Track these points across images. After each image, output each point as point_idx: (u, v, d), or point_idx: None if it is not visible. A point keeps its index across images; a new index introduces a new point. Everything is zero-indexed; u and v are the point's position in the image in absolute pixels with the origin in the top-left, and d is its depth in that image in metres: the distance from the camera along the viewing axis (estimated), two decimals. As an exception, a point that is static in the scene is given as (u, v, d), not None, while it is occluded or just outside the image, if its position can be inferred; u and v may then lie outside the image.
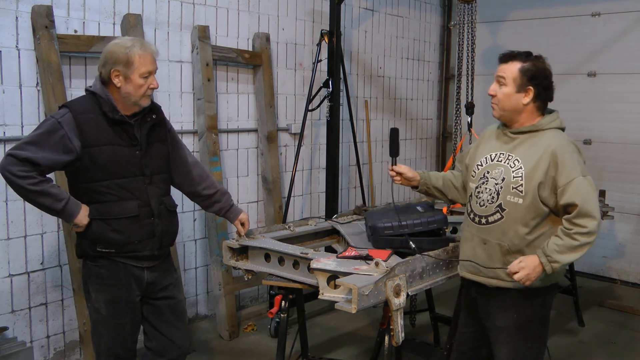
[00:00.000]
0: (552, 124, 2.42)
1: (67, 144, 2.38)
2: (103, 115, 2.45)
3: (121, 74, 2.43)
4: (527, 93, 2.36)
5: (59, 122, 2.38)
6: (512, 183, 2.35)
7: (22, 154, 2.32)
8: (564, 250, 2.25)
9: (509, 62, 2.39)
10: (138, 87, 2.45)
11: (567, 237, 2.25)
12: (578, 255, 2.26)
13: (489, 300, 2.49)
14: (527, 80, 2.35)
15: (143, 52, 2.45)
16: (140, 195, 2.52)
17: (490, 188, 2.42)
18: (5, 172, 2.33)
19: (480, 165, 2.50)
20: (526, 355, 2.46)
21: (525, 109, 2.39)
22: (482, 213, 2.44)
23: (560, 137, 2.39)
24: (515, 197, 2.34)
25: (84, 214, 2.44)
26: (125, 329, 2.59)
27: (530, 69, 2.35)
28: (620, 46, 5.32)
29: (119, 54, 2.43)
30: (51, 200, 2.37)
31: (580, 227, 2.23)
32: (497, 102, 2.42)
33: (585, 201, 2.24)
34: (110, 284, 2.53)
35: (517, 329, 2.43)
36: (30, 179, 2.32)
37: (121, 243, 2.49)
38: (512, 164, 2.38)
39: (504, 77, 2.38)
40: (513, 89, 2.37)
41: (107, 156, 2.44)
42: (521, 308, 2.42)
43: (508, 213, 2.36)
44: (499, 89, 2.41)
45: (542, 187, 2.30)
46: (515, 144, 2.42)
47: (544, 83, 2.38)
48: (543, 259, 2.27)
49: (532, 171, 2.32)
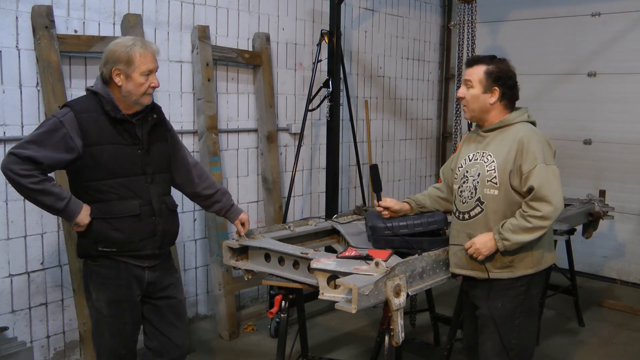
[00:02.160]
0: (519, 118, 2.57)
1: (69, 142, 2.38)
2: (104, 115, 2.46)
3: (122, 72, 2.44)
4: (493, 93, 2.54)
5: (61, 121, 2.39)
6: (487, 176, 2.51)
7: (24, 152, 2.32)
8: (517, 230, 2.40)
9: (474, 66, 2.56)
10: (139, 86, 2.45)
11: (522, 219, 2.41)
12: (530, 237, 2.41)
13: (477, 291, 2.62)
14: (492, 81, 2.52)
15: (144, 51, 2.46)
16: (141, 194, 2.53)
17: (469, 185, 2.58)
18: (7, 171, 2.33)
19: (461, 166, 2.67)
20: (513, 344, 2.55)
21: (492, 108, 2.56)
22: (464, 209, 2.60)
23: (527, 128, 2.54)
24: (491, 189, 2.50)
25: (85, 213, 2.44)
26: (126, 329, 2.59)
27: (495, 71, 2.52)
28: (620, 46, 5.32)
29: (120, 52, 2.43)
30: (52, 199, 2.37)
31: (535, 210, 2.38)
32: (467, 103, 2.60)
33: (542, 186, 2.38)
34: (111, 284, 2.53)
35: (502, 317, 2.54)
36: (31, 177, 2.32)
37: (122, 242, 2.49)
38: (485, 159, 2.54)
39: (471, 80, 2.56)
40: (480, 90, 2.54)
41: (108, 155, 2.45)
42: (506, 297, 2.54)
43: (487, 205, 2.51)
44: (467, 92, 2.58)
45: (512, 175, 2.46)
46: (488, 141, 2.59)
47: (509, 83, 2.54)
48: (496, 236, 2.45)
49: (504, 163, 2.47)
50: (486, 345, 2.59)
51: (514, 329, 2.54)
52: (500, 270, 2.52)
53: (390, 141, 5.92)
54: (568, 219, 3.95)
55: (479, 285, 2.59)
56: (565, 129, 5.64)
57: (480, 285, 2.59)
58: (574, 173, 5.57)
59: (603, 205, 4.41)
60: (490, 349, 2.57)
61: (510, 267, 2.51)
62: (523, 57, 5.88)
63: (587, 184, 5.46)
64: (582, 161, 5.61)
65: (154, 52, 2.52)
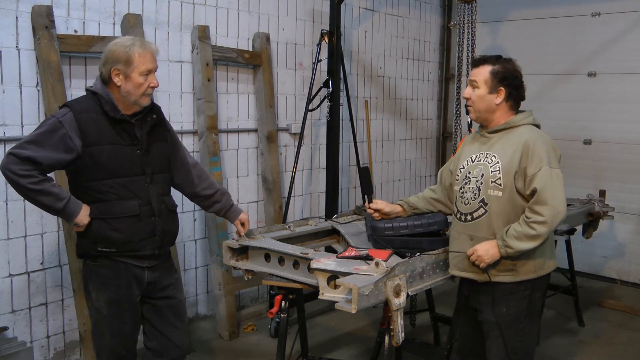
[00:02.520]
0: (525, 120, 2.55)
1: (68, 143, 2.38)
2: (104, 115, 2.46)
3: (121, 72, 2.44)
4: (498, 93, 2.51)
5: (60, 121, 2.39)
6: (491, 177, 2.47)
7: (23, 152, 2.32)
8: (521, 237, 2.38)
9: (480, 66, 2.54)
10: (138, 86, 2.45)
11: (526, 225, 2.38)
12: (534, 244, 2.39)
13: (479, 295, 2.58)
14: (498, 81, 2.50)
15: (143, 51, 2.46)
16: (141, 194, 2.53)
17: (472, 186, 2.54)
18: (6, 171, 2.33)
19: (463, 167, 2.63)
20: (517, 348, 2.54)
21: (498, 108, 2.53)
22: (467, 211, 2.56)
23: (533, 131, 2.51)
24: (495, 191, 2.46)
25: (84, 214, 2.44)
26: (126, 329, 2.59)
27: (500, 71, 2.50)
28: (620, 46, 5.32)
29: (119, 52, 2.43)
30: (52, 200, 2.37)
31: (538, 215, 2.35)
32: (472, 104, 2.57)
33: (544, 188, 2.35)
34: (111, 284, 2.53)
35: (507, 322, 2.52)
36: (31, 177, 2.32)
37: (122, 242, 2.49)
38: (489, 160, 2.51)
39: (476, 80, 2.54)
40: (485, 90, 2.52)
41: (108, 155, 2.45)
42: (510, 302, 2.51)
43: (491, 207, 2.48)
44: (473, 92, 2.56)
45: (517, 177, 2.43)
46: (492, 142, 2.56)
47: (515, 83, 2.52)
48: (500, 242, 2.42)
49: (509, 164, 2.44)
50: (492, 350, 2.57)
51: (518, 333, 2.52)
52: (502, 274, 2.49)
53: (390, 141, 5.92)
54: (568, 219, 3.95)
55: (482, 289, 2.56)
56: (565, 129, 5.64)
57: (483, 289, 2.55)
58: (574, 173, 5.57)
59: (603, 205, 4.41)
60: (495, 354, 2.56)
61: (512, 270, 2.48)
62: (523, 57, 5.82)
63: (587, 184, 5.46)
64: (582, 161, 5.61)
65: (153, 52, 2.52)
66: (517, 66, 2.55)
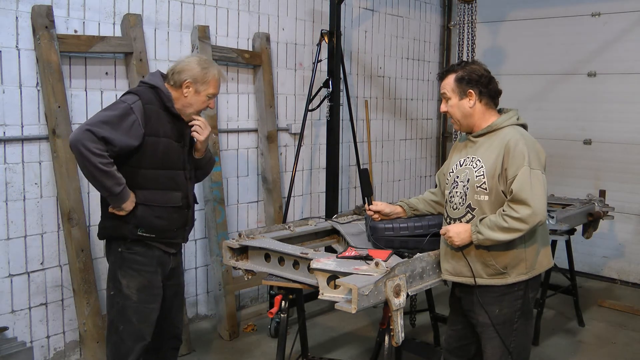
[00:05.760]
0: (508, 122, 2.53)
1: (137, 129, 2.52)
2: (164, 109, 2.62)
3: (193, 86, 2.65)
4: (469, 96, 2.52)
5: (132, 107, 2.52)
6: (476, 182, 2.47)
7: (101, 132, 2.41)
8: (493, 227, 2.37)
9: (445, 78, 2.57)
10: (201, 103, 2.70)
11: (499, 217, 2.38)
12: (505, 237, 2.37)
13: (472, 298, 2.57)
14: (464, 85, 2.51)
15: (219, 77, 2.71)
16: (182, 187, 2.73)
17: (459, 191, 2.54)
18: (80, 146, 2.39)
19: (452, 172, 2.64)
20: (511, 349, 2.54)
21: (474, 111, 2.53)
22: (455, 216, 2.56)
23: (516, 131, 2.49)
24: (481, 195, 2.46)
25: (132, 200, 2.57)
26: (153, 314, 2.71)
27: (464, 75, 2.51)
28: (620, 46, 5.32)
29: (198, 69, 2.65)
30: (112, 183, 2.47)
31: (512, 210, 2.34)
32: (451, 116, 2.59)
33: (521, 188, 2.34)
34: (144, 270, 2.67)
35: (501, 323, 2.52)
36: (103, 158, 2.43)
37: (162, 229, 2.66)
38: (474, 165, 2.51)
39: (445, 91, 2.57)
40: (456, 98, 2.54)
41: (163, 147, 2.62)
42: (503, 303, 2.51)
43: (478, 212, 2.48)
44: (447, 104, 2.58)
45: (500, 179, 2.42)
46: (477, 147, 2.55)
47: (482, 81, 2.51)
48: (473, 228, 2.42)
49: (492, 167, 2.44)
50: (487, 351, 2.58)
51: (512, 333, 2.53)
52: (491, 278, 2.48)
53: (390, 141, 5.92)
54: (568, 219, 3.95)
55: (474, 291, 2.54)
56: (565, 129, 5.64)
57: (475, 291, 2.53)
58: (574, 173, 5.57)
59: (603, 205, 4.41)
60: (490, 355, 2.56)
61: (503, 274, 2.46)
62: (523, 57, 5.90)
63: (587, 184, 5.46)
64: (582, 161, 5.61)
65: (224, 81, 2.78)
66: (481, 65, 2.56)
